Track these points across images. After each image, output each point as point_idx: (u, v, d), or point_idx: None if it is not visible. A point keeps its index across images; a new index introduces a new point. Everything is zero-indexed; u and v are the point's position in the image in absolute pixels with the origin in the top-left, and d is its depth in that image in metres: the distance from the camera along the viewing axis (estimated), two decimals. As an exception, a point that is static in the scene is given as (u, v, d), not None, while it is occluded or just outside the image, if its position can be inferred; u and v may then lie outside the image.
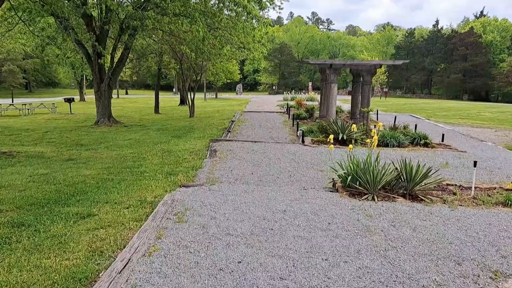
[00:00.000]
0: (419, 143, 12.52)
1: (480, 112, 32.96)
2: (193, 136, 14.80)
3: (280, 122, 19.42)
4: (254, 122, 19.12)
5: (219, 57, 20.14)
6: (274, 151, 11.29)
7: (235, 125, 17.90)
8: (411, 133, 13.76)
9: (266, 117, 21.52)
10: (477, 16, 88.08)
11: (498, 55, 75.81)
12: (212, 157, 10.39)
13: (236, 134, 15.59)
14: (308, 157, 10.59)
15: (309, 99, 36.89)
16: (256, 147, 11.89)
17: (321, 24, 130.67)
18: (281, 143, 12.77)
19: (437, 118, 25.11)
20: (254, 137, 14.89)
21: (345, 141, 12.35)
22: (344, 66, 16.54)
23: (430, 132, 16.54)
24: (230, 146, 11.95)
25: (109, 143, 13.59)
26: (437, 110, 34.41)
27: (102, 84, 19.72)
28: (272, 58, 76.03)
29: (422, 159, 10.68)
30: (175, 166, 9.33)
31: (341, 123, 12.96)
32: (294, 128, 17.24)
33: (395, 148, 11.97)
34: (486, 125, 21.28)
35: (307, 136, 13.97)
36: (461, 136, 16.28)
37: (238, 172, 8.77)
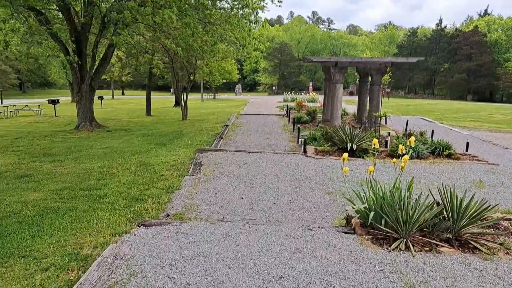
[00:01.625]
0: (442, 154, 10.68)
1: (492, 114, 31.12)
2: (179, 144, 12.96)
3: (279, 127, 17.59)
4: (250, 127, 17.28)
5: (212, 55, 18.28)
6: (271, 165, 9.45)
7: (229, 130, 16.06)
8: (429, 141, 11.93)
9: (264, 121, 19.69)
10: (481, 14, 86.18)
11: (503, 54, 73.95)
12: (196, 173, 8.55)
13: (229, 141, 13.75)
14: (312, 173, 8.75)
15: (310, 100, 35.07)
16: (250, 159, 10.05)
17: (322, 23, 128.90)
18: (279, 153, 10.93)
19: (448, 121, 23.27)
20: (249, 145, 13.05)
21: (355, 152, 10.51)
22: (350, 64, 14.73)
23: (447, 139, 14.71)
24: (219, 158, 10.11)
25: (81, 152, 11.76)
26: (445, 112, 32.57)
27: (83, 85, 17.89)
28: (271, 57, 74.26)
29: (449, 175, 8.84)
30: (146, 187, 7.49)
31: (350, 130, 11.12)
32: (294, 134, 15.41)
33: (414, 160, 10.13)
34: (504, 129, 19.44)
35: (310, 145, 12.13)
36: (482, 143, 14.44)
37: (224, 196, 6.94)
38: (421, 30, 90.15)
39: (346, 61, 14.43)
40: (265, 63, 76.35)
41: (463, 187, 7.85)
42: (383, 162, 9.91)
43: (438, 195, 5.25)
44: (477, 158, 10.57)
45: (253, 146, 12.91)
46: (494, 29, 77.15)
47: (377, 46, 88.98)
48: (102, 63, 18.65)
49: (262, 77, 77.46)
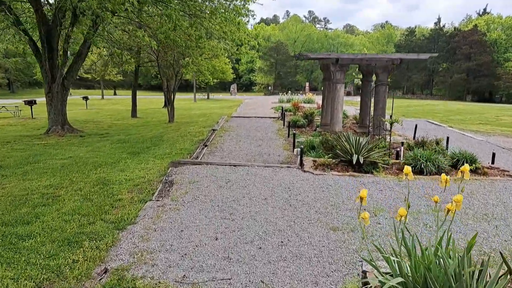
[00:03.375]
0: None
1: (498, 116, 29.46)
2: (155, 153, 11.12)
3: (273, 131, 15.76)
4: (241, 132, 15.44)
5: (200, 52, 16.42)
6: (260, 184, 7.62)
7: (216, 136, 14.22)
8: (447, 152, 10.17)
9: (257, 124, 17.86)
10: (480, 13, 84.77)
11: (503, 54, 72.50)
12: (162, 197, 6.71)
13: (214, 149, 11.91)
14: (311, 196, 6.93)
15: (306, 101, 33.30)
16: (234, 175, 8.21)
17: (318, 23, 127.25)
18: (271, 166, 9.10)
19: (455, 124, 21.55)
20: (237, 154, 11.22)
21: (362, 166, 8.70)
22: (353, 61, 12.93)
23: (460, 145, 12.95)
24: (197, 174, 8.26)
25: (36, 164, 9.89)
26: (448, 113, 30.92)
27: (54, 84, 16.00)
28: (267, 57, 72.46)
29: (481, 198, 7.05)
30: (91, 219, 5.65)
31: (356, 139, 9.30)
32: (290, 140, 13.61)
33: (434, 177, 8.32)
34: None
35: (307, 155, 10.32)
36: (502, 151, 12.69)
37: (193, 236, 5.11)
38: (419, 29, 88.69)
39: (348, 58, 12.62)
40: (260, 63, 74.48)
41: (505, 217, 6.06)
42: (397, 180, 8.10)
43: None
44: (509, 173, 8.79)
45: (241, 156, 11.08)
46: (494, 28, 75.75)
47: (375, 46, 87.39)
48: (76, 60, 16.76)
49: (258, 77, 75.58)
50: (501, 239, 5.24)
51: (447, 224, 5.10)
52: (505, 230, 5.55)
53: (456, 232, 5.43)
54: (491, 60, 69.46)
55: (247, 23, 15.81)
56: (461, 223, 5.81)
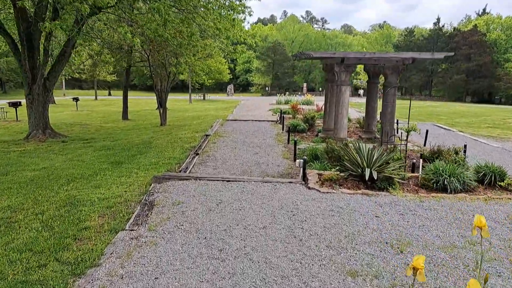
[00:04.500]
0: (497, 184, 7.73)
1: (505, 118, 28.37)
2: (140, 163, 9.91)
3: (272, 137, 14.57)
4: (236, 137, 14.24)
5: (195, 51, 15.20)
6: (258, 206, 6.42)
7: (209, 142, 13.01)
8: (467, 164, 9.02)
9: (255, 128, 16.65)
10: (480, 14, 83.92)
11: (503, 54, 71.61)
12: (138, 225, 5.50)
13: (206, 158, 10.71)
14: (319, 223, 5.74)
15: (305, 102, 32.17)
16: (227, 194, 7.01)
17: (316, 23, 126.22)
18: (270, 182, 7.90)
19: (463, 127, 20.44)
20: (232, 164, 10.02)
21: (375, 182, 7.52)
22: (360, 61, 11.77)
23: (476, 153, 11.82)
24: (183, 193, 7.06)
25: (5, 177, 8.68)
26: (452, 116, 29.85)
27: (34, 86, 14.75)
28: (264, 57, 71.25)
29: (524, 224, 5.88)
30: (44, 261, 4.44)
31: (369, 150, 8.11)
32: (290, 146, 12.43)
33: (461, 196, 7.14)
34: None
35: (311, 167, 9.13)
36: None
37: (171, 286, 3.91)
38: (418, 30, 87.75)
39: (355, 57, 11.45)
40: (258, 63, 73.26)
41: None
42: (418, 199, 6.92)
43: None
44: (545, 191, 7.64)
45: (237, 166, 9.89)
46: (494, 28, 74.91)
47: (373, 46, 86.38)
48: (60, 60, 15.49)
49: (255, 77, 74.33)
50: None
51: (458, 226, 3.94)
52: None
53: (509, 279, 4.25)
54: (491, 60, 68.54)
55: (244, 20, 14.63)
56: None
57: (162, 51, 17.82)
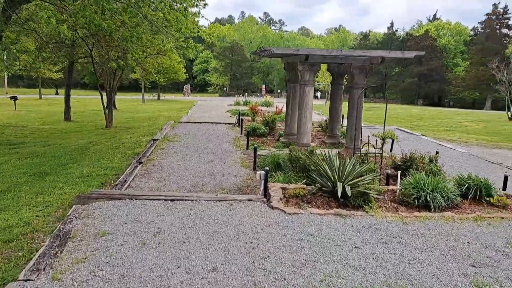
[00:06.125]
0: (484, 199, 6.80)
1: (460, 121, 28.69)
2: (68, 175, 8.25)
3: (229, 141, 13.22)
4: (189, 142, 12.76)
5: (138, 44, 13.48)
6: (208, 237, 5.05)
7: (157, 148, 11.45)
8: (445, 174, 8.13)
9: (210, 132, 15.21)
10: (430, 19, 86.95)
11: (453, 59, 74.47)
12: (39, 272, 3.97)
13: (151, 167, 9.19)
14: (286, 261, 4.46)
15: (264, 104, 30.99)
16: (169, 220, 5.58)
17: (274, 25, 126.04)
18: (225, 200, 6.54)
19: (422, 131, 20.06)
20: (180, 176, 8.57)
21: (348, 199, 6.36)
22: (325, 59, 10.68)
23: (445, 160, 11.08)
24: (111, 219, 5.55)
25: None
26: (409, 118, 29.89)
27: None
28: (222, 57, 69.67)
29: (529, 253, 4.90)
30: None
31: (341, 162, 6.94)
32: (249, 152, 11.15)
33: (447, 215, 6.12)
34: (495, 142, 16.34)
35: (273, 179, 7.87)
36: (494, 168, 10.95)
37: None
38: (373, 34, 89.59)
39: (320, 54, 10.33)
40: (215, 63, 71.49)
41: None
42: (400, 221, 5.82)
43: None
44: (535, 206, 6.80)
45: (187, 177, 8.46)
46: (444, 34, 77.73)
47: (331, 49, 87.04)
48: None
49: (213, 77, 72.46)
50: None
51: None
52: None
53: None
54: (441, 65, 70.88)
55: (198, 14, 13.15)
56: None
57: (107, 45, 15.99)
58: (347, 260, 4.50)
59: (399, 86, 74.71)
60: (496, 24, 66.34)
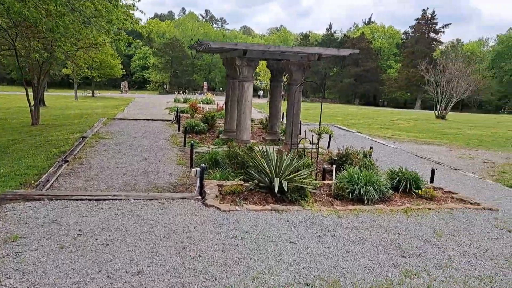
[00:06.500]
0: (413, 191, 7.04)
1: (393, 120, 30.16)
2: (-19, 177, 7.43)
3: (166, 138, 12.76)
4: (122, 140, 12.12)
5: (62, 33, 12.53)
6: (134, 237, 4.71)
7: (86, 146, 10.73)
8: (378, 168, 8.36)
9: (146, 129, 14.61)
10: (366, 22, 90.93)
11: (386, 61, 78.45)
12: None
13: (78, 166, 8.56)
14: (218, 259, 4.25)
15: (205, 101, 30.60)
16: (93, 221, 5.15)
17: (215, 22, 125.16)
18: (157, 199, 6.18)
19: (358, 128, 20.81)
20: (110, 175, 8.06)
21: (285, 194, 6.29)
22: (264, 55, 10.60)
23: (378, 155, 11.48)
24: (27, 222, 5.00)
25: None
26: (347, 117, 30.91)
27: None
28: (162, 54, 67.89)
29: (451, 240, 5.10)
30: None
31: (277, 156, 6.86)
32: (186, 150, 10.79)
33: (379, 208, 6.25)
34: (424, 139, 17.30)
35: (210, 176, 7.63)
36: (423, 162, 11.52)
37: None
38: (312, 35, 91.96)
39: (258, 49, 10.22)
40: (154, 59, 69.48)
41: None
42: (335, 214, 5.84)
43: None
44: (459, 197, 7.16)
45: (117, 176, 7.97)
46: (378, 36, 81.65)
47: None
48: None
49: (152, 74, 70.33)
50: None
51: None
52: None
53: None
54: (376, 66, 74.44)
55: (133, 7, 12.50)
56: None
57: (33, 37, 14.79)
58: (282, 256, 4.38)
59: (337, 86, 77.46)
60: (425, 29, 70.82)
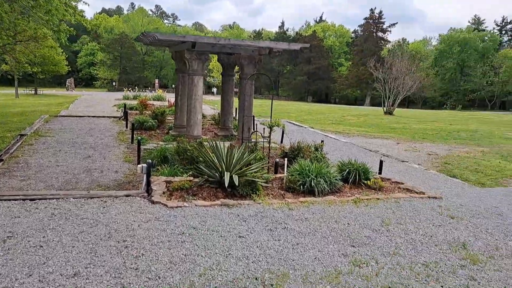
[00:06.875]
0: (362, 182, 7.13)
1: (344, 115, 30.90)
2: None
3: (112, 135, 12.21)
4: (65, 136, 11.45)
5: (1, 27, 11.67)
6: (72, 237, 4.37)
7: (24, 144, 10.01)
8: (329, 161, 8.43)
9: (92, 126, 13.92)
10: (317, 21, 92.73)
11: (337, 59, 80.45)
12: None
13: (14, 166, 7.94)
14: (163, 258, 4.03)
15: (156, 98, 29.83)
16: (25, 223, 4.73)
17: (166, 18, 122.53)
18: (99, 197, 5.82)
19: (311, 124, 21.09)
20: (49, 174, 7.53)
21: (236, 188, 6.14)
22: (213, 48, 10.36)
23: (329, 149, 11.64)
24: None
25: None
26: (300, 113, 31.28)
27: None
28: (110, 50, 65.49)
29: (398, 229, 5.19)
30: None
31: (227, 149, 6.69)
32: (134, 146, 10.35)
33: (330, 199, 6.26)
34: (372, 133, 17.83)
35: (158, 172, 7.33)
36: (372, 155, 11.81)
37: None
38: (265, 32, 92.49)
39: (208, 42, 9.98)
40: (102, 56, 66.92)
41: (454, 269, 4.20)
42: (287, 207, 5.77)
43: None
44: (405, 187, 7.35)
45: (57, 175, 7.47)
46: (329, 35, 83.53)
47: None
48: None
49: (100, 71, 67.70)
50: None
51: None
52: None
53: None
54: (327, 64, 76.15)
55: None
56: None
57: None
58: (231, 251, 4.22)
59: (291, 83, 78.48)
60: (373, 28, 73.27)
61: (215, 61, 56.72)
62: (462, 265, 4.25)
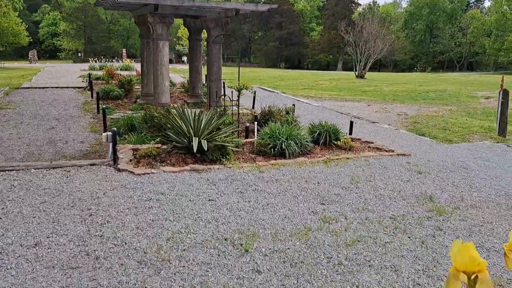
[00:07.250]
0: (333, 143, 7.14)
1: (316, 80, 30.84)
2: None
3: (78, 106, 11.76)
4: (27, 108, 10.95)
5: None
6: (33, 208, 4.19)
7: (-17, 118, 9.51)
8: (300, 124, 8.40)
9: (55, 97, 13.35)
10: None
11: (309, 24, 79.58)
12: None
13: (-28, 140, 7.55)
14: (129, 224, 3.93)
15: (124, 67, 28.86)
16: (-14, 193, 4.51)
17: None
18: (62, 167, 5.60)
19: (284, 89, 20.99)
20: (10, 147, 7.21)
21: (206, 153, 6.03)
22: (177, 11, 9.94)
23: (301, 112, 11.63)
24: None
25: None
26: (272, 80, 31.00)
27: None
28: (73, 19, 62.49)
29: (368, 185, 5.24)
30: None
31: (195, 115, 6.52)
32: (100, 116, 10.00)
33: (301, 160, 6.25)
34: (344, 96, 17.89)
35: (125, 141, 7.12)
36: (343, 117, 11.86)
37: None
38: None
39: (171, 4, 9.53)
40: (65, 25, 63.81)
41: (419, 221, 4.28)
42: (257, 170, 5.72)
43: None
44: (375, 146, 7.42)
45: (18, 147, 7.16)
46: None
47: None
48: None
49: (64, 41, 64.69)
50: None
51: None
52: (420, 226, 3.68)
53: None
54: (299, 29, 75.28)
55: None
56: (375, 244, 3.73)
57: None
58: (200, 214, 4.16)
59: (263, 50, 77.42)
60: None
61: (183, 28, 55.04)
62: (428, 216, 4.34)
